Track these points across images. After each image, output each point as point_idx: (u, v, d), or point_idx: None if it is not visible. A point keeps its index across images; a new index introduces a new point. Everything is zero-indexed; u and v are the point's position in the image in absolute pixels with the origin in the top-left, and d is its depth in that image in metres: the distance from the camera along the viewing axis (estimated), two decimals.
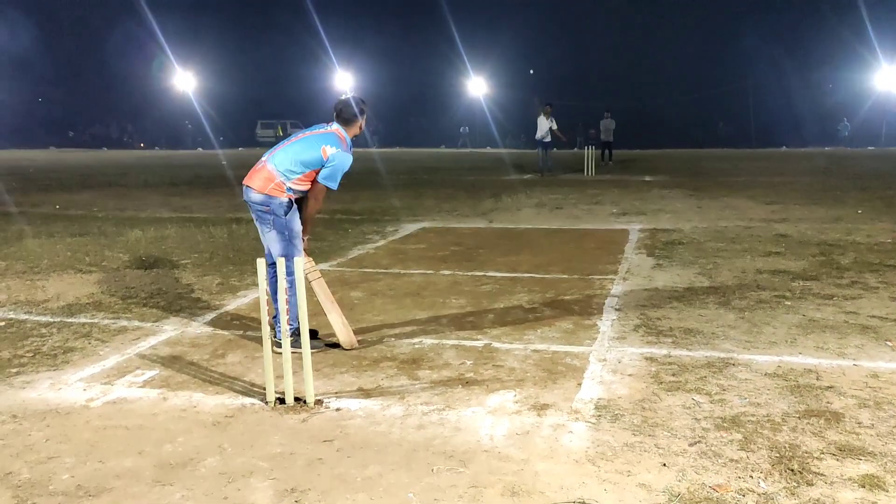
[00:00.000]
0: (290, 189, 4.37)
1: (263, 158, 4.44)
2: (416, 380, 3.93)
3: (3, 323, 5.12)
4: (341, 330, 4.49)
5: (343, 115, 4.48)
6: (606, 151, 23.82)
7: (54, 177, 20.13)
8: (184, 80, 49.15)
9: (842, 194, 13.37)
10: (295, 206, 4.44)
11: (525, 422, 3.36)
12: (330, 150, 4.34)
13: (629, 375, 3.93)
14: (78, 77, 51.54)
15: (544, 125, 19.79)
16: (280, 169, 4.34)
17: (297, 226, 4.44)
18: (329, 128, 4.49)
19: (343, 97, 4.57)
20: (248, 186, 4.39)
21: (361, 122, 4.53)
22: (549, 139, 19.93)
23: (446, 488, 2.76)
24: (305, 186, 4.41)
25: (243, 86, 51.37)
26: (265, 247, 4.52)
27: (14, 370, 4.13)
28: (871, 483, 2.72)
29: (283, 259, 3.71)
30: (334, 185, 4.41)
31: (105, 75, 50.82)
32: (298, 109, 53.56)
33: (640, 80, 48.03)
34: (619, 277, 6.42)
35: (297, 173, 4.34)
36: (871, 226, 9.31)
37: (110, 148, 46.26)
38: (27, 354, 4.42)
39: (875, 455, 2.94)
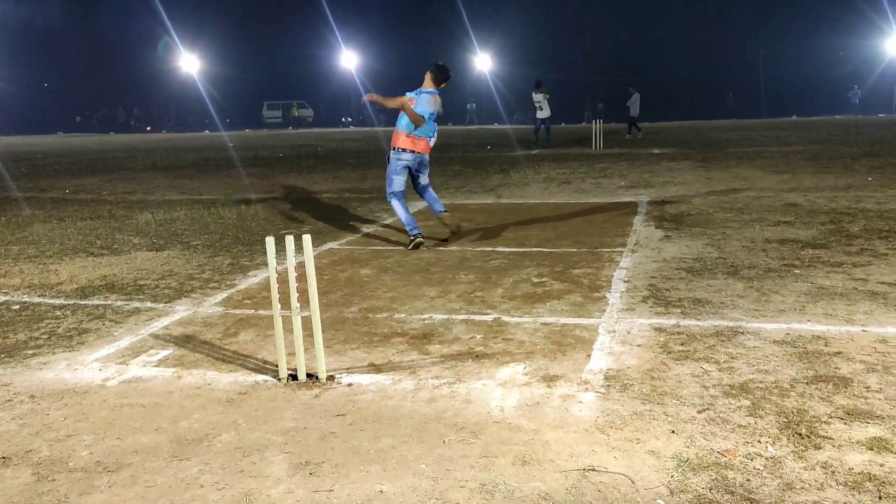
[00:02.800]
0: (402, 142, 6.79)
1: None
2: (427, 354, 3.97)
3: (17, 306, 5.19)
4: None
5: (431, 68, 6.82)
6: (633, 125, 23.77)
7: (63, 162, 20.22)
8: (189, 63, 49.04)
9: (852, 162, 13.28)
10: (397, 151, 6.78)
11: (535, 393, 3.39)
12: None
13: (638, 346, 3.96)
14: (84, 62, 51.53)
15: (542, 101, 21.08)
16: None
17: (393, 166, 6.81)
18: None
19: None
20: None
21: (430, 75, 6.77)
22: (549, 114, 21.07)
23: (458, 458, 2.80)
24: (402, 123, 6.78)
25: (248, 67, 51.29)
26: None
27: (30, 352, 4.20)
28: (878, 446, 2.75)
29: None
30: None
31: (111, 60, 50.81)
32: (304, 89, 53.46)
33: (648, 52, 47.62)
34: (627, 250, 6.43)
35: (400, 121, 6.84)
36: (882, 193, 9.26)
37: (117, 132, 46.37)
38: (42, 336, 4.48)
39: (883, 418, 2.96)
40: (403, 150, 6.70)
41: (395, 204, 6.83)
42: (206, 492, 2.63)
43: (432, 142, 6.82)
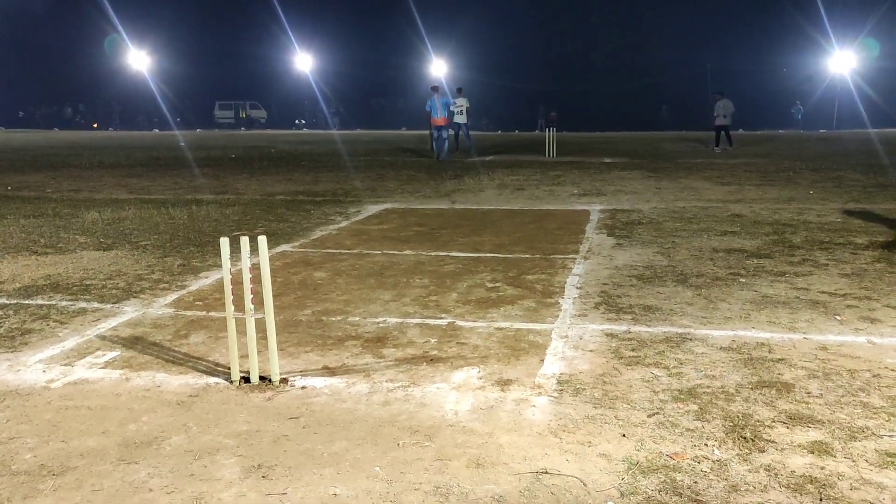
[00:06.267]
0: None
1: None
2: (381, 358, 3.97)
3: None
4: None
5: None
6: (723, 133, 21.80)
7: (5, 158, 19.58)
8: (138, 60, 47.99)
9: (794, 175, 13.71)
10: (432, 126, 18.46)
11: (489, 397, 3.42)
12: None
13: (590, 351, 4.02)
14: (27, 56, 49.97)
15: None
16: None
17: (433, 131, 18.46)
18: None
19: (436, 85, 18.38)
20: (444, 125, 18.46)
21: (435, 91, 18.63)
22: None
23: (412, 461, 2.81)
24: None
25: (200, 66, 50.48)
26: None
27: None
28: (819, 449, 2.84)
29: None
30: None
31: (55, 54, 49.40)
32: (258, 90, 52.87)
33: (598, 63, 48.42)
34: (580, 257, 6.52)
35: None
36: (822, 206, 9.59)
37: (62, 128, 45.08)
38: None
39: (823, 423, 3.07)
40: (432, 125, 16.72)
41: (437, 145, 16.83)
42: (155, 496, 2.58)
43: (445, 116, 17.33)
